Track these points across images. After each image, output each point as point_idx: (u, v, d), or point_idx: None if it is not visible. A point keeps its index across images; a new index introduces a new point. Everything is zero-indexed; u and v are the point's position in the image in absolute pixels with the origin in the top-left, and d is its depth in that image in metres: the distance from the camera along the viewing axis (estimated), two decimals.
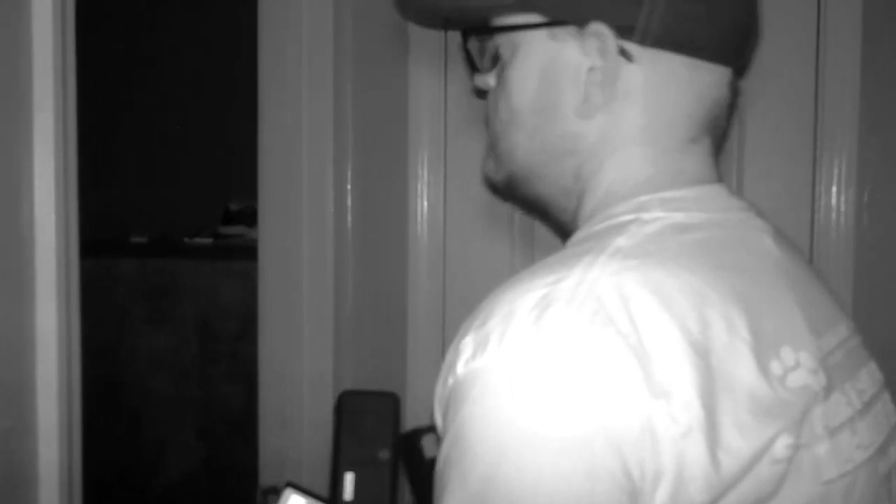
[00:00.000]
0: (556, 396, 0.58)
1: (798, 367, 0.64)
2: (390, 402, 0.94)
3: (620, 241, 0.68)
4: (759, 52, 1.75)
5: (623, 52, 0.74)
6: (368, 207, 1.89)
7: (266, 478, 1.92)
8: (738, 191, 1.76)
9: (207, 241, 3.11)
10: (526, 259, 1.86)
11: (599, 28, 0.73)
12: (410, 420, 0.90)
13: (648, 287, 0.62)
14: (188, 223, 3.18)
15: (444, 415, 0.64)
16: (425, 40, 1.88)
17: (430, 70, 1.89)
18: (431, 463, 0.84)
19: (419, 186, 1.94)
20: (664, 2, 0.72)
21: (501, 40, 0.81)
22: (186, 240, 3.11)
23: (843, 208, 1.77)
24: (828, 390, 0.66)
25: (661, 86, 0.75)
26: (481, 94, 0.88)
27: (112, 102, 3.12)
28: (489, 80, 0.85)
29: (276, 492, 1.84)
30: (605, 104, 0.75)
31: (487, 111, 0.86)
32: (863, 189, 1.76)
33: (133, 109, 3.33)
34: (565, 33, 0.76)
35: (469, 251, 1.92)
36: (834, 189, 1.77)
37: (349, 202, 1.86)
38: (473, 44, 0.85)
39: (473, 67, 0.86)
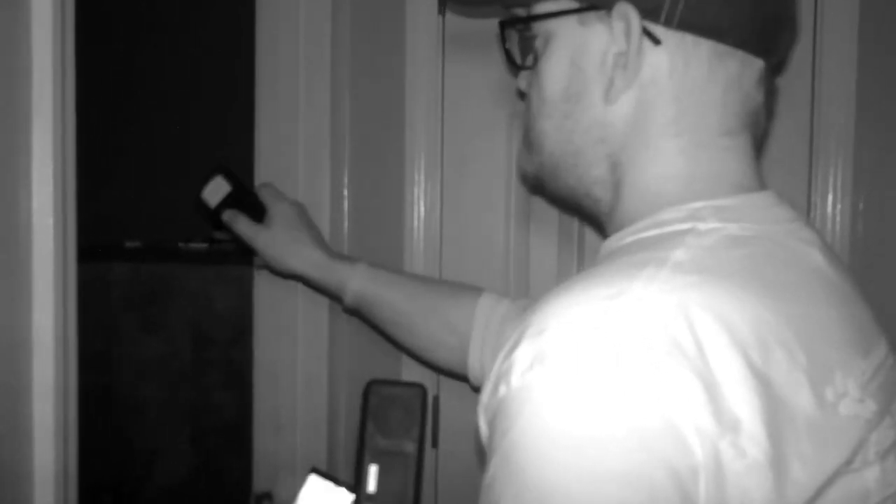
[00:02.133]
0: (618, 422, 0.56)
1: (846, 395, 0.63)
2: (418, 394, 0.92)
3: (679, 253, 0.66)
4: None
5: (649, 35, 0.73)
6: (365, 213, 1.89)
7: (259, 483, 1.91)
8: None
9: (202, 245, 3.10)
10: (522, 262, 1.86)
11: (625, 9, 0.73)
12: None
13: (712, 310, 0.59)
14: (183, 228, 3.16)
15: (492, 425, 0.62)
16: (422, 45, 1.88)
17: (427, 73, 1.89)
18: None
19: (415, 192, 1.94)
20: None
21: (537, 32, 0.81)
22: (181, 245, 3.10)
23: (838, 217, 1.77)
24: (880, 415, 0.65)
25: (686, 71, 0.75)
26: (523, 95, 0.88)
27: (106, 107, 3.11)
28: (530, 78, 0.85)
29: (270, 498, 1.84)
30: (629, 88, 0.75)
31: (524, 107, 0.86)
32: (858, 198, 1.77)
33: (128, 114, 3.32)
34: (594, 18, 0.76)
35: (464, 257, 1.91)
36: (830, 197, 1.77)
37: (346, 207, 1.86)
38: (512, 40, 0.85)
39: (514, 65, 0.86)
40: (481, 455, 0.65)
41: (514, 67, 0.87)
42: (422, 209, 1.95)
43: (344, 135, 1.86)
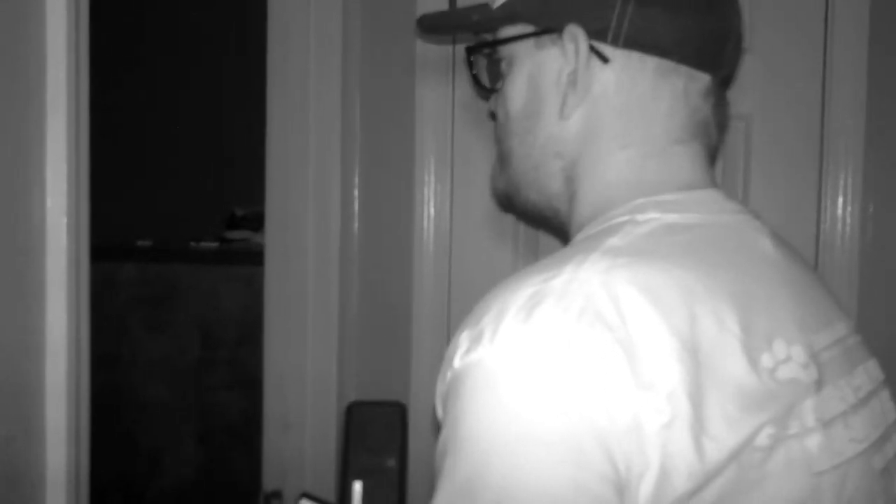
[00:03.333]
0: (543, 392, 0.60)
1: (789, 360, 0.66)
2: (397, 412, 0.95)
3: (613, 240, 0.70)
4: (765, 65, 1.77)
5: (597, 54, 0.77)
6: (375, 213, 1.90)
7: (269, 482, 1.92)
8: (744, 202, 1.77)
9: (212, 245, 3.11)
10: (530, 264, 1.87)
11: (574, 30, 0.77)
12: (414, 426, 0.90)
13: (637, 284, 0.63)
14: (193, 228, 3.18)
15: (444, 407, 0.66)
16: (432, 48, 1.89)
17: (436, 77, 1.90)
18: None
19: (425, 192, 1.95)
20: (633, 4, 0.75)
21: (502, 55, 0.85)
22: (192, 244, 3.12)
23: (848, 220, 1.77)
24: (819, 384, 0.68)
25: (633, 87, 0.78)
26: (494, 116, 0.91)
27: (119, 107, 3.12)
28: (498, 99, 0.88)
29: (279, 496, 1.85)
30: (579, 105, 0.79)
31: (495, 127, 0.89)
32: (868, 201, 1.77)
33: (140, 114, 3.34)
34: (548, 41, 0.80)
35: (474, 258, 1.92)
36: (840, 201, 1.77)
37: (356, 208, 1.87)
38: (479, 64, 0.89)
39: (481, 87, 0.89)
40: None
41: (482, 90, 0.91)
42: (431, 210, 1.95)
43: (354, 136, 1.87)
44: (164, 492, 3.10)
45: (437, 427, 0.68)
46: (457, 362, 0.64)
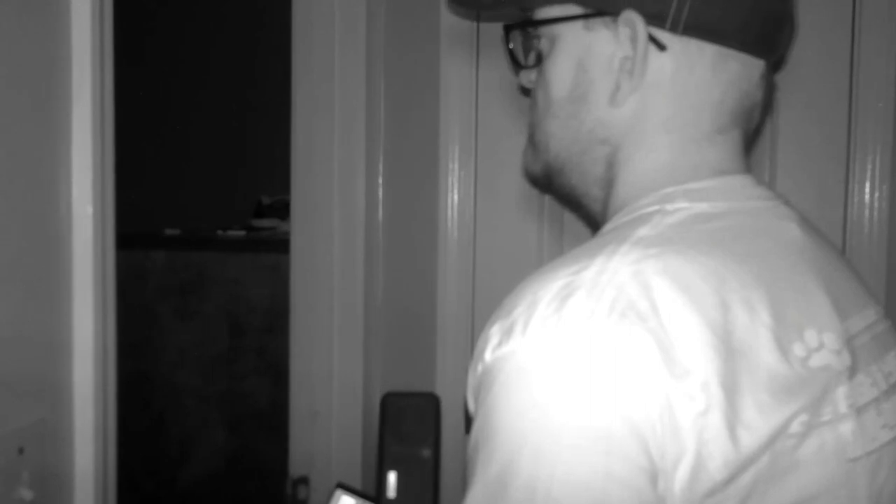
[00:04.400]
0: (575, 385, 0.60)
1: (822, 348, 0.66)
2: (431, 403, 0.95)
3: (643, 230, 0.69)
4: (793, 49, 1.75)
5: (654, 41, 0.75)
6: (399, 201, 1.90)
7: (296, 469, 1.94)
8: (769, 188, 1.75)
9: (240, 233, 3.14)
10: (555, 252, 1.86)
11: (631, 16, 0.75)
12: (442, 415, 0.91)
13: (668, 274, 0.63)
14: (221, 216, 3.20)
15: (476, 400, 0.66)
16: (457, 32, 1.89)
17: (461, 63, 1.90)
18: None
19: (450, 180, 1.95)
20: None
21: (542, 33, 0.83)
22: (219, 232, 3.14)
23: (876, 205, 1.75)
24: (852, 371, 0.68)
25: (689, 74, 0.76)
26: (526, 91, 0.89)
27: (146, 97, 3.15)
28: (532, 76, 0.86)
29: (306, 482, 1.86)
30: (634, 92, 0.77)
31: (530, 105, 0.88)
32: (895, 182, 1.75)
33: (167, 104, 3.36)
34: (600, 24, 0.78)
35: (499, 245, 1.92)
36: (867, 186, 1.75)
37: (380, 196, 1.88)
38: (516, 41, 0.87)
39: (517, 64, 0.88)
40: None
41: (518, 67, 0.89)
42: (455, 197, 1.95)
43: (379, 124, 1.87)
44: (194, 478, 3.14)
45: (468, 420, 0.68)
46: (488, 356, 0.64)
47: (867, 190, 1.75)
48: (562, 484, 0.59)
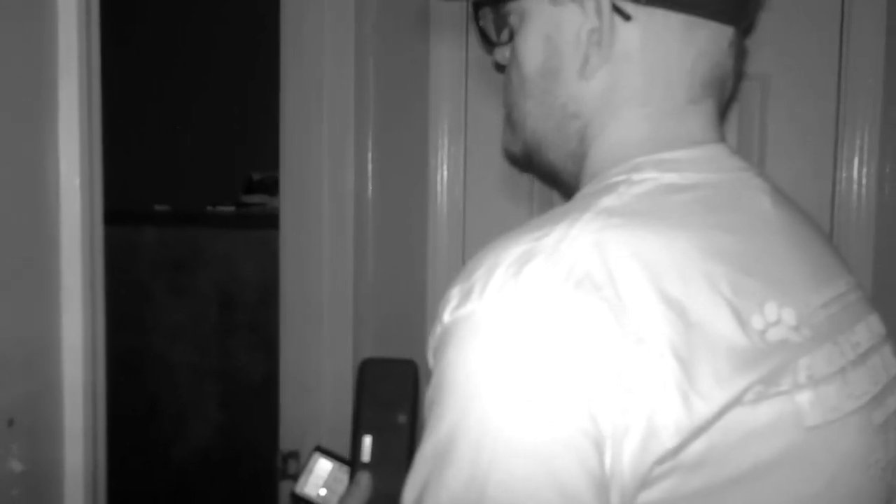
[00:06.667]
0: (526, 350, 0.61)
1: (779, 322, 0.66)
2: (410, 369, 0.96)
3: (607, 200, 0.69)
4: (782, 25, 1.75)
5: (619, 11, 0.75)
6: (389, 177, 1.90)
7: (286, 443, 1.95)
8: (759, 164, 1.76)
9: (230, 209, 3.13)
10: None
11: None
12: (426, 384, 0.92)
13: (628, 245, 0.64)
14: (211, 193, 3.20)
15: (434, 360, 0.67)
16: (446, 9, 1.88)
17: (450, 39, 1.89)
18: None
19: (439, 155, 1.95)
20: None
21: (511, 9, 0.82)
22: (209, 208, 3.14)
23: (864, 181, 1.76)
24: (814, 342, 0.68)
25: (658, 45, 0.76)
26: (500, 68, 0.89)
27: (135, 72, 3.13)
28: (506, 53, 0.86)
29: (296, 456, 1.87)
30: (603, 64, 0.77)
31: (504, 84, 0.87)
32: (885, 162, 1.76)
33: (156, 79, 3.35)
34: None
35: (488, 220, 1.92)
36: (856, 161, 1.76)
37: (370, 172, 1.88)
38: (486, 18, 0.87)
39: (488, 42, 0.88)
40: None
41: (489, 45, 0.89)
42: (445, 173, 1.96)
43: (368, 102, 1.87)
44: (187, 453, 3.15)
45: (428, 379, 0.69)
46: (447, 316, 0.65)
47: (855, 165, 1.76)
48: (505, 444, 0.60)
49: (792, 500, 0.65)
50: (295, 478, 1.01)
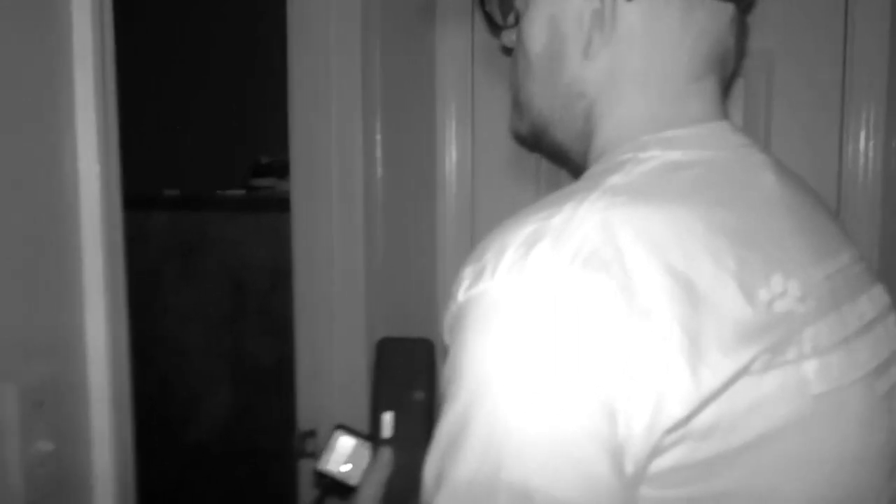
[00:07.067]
0: (537, 329, 0.62)
1: (785, 294, 0.68)
2: (426, 347, 0.98)
3: (614, 179, 0.71)
4: (788, 1, 1.75)
5: None
6: (397, 158, 1.91)
7: (304, 423, 1.97)
8: (765, 139, 1.77)
9: (239, 192, 3.15)
10: None
11: None
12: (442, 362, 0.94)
13: (634, 222, 0.65)
14: (219, 176, 3.21)
15: (450, 339, 0.69)
16: None
17: (457, 20, 1.90)
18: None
19: (447, 136, 1.96)
20: None
21: None
22: (219, 192, 3.15)
23: (871, 154, 1.77)
24: (819, 313, 0.70)
25: (659, 24, 0.78)
26: (507, 51, 0.91)
27: (141, 56, 3.14)
28: (512, 36, 0.88)
29: (313, 435, 1.90)
30: (606, 45, 0.79)
31: (510, 67, 0.89)
32: (891, 135, 1.76)
33: (164, 64, 3.35)
34: None
35: (497, 199, 1.94)
36: (862, 135, 1.77)
37: (378, 153, 1.89)
38: (493, 2, 0.89)
39: (494, 25, 0.89)
40: None
41: (495, 28, 0.91)
42: (454, 153, 1.97)
43: (375, 81, 1.88)
44: (201, 435, 3.18)
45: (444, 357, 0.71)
46: (461, 296, 0.67)
47: (862, 139, 1.77)
48: (518, 422, 0.62)
49: (799, 466, 0.67)
50: (313, 456, 1.03)
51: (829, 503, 0.69)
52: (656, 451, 0.62)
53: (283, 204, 2.05)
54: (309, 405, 1.98)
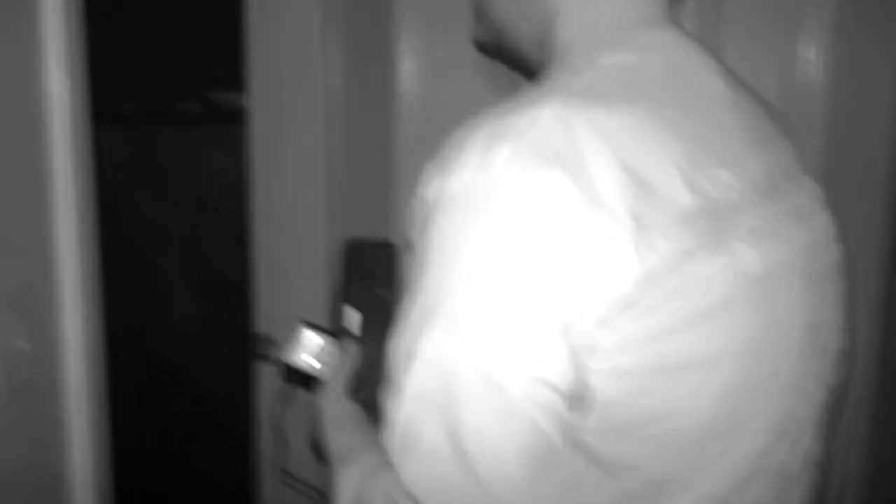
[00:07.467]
0: (502, 219, 0.67)
1: (725, 184, 0.74)
2: (390, 249, 1.03)
3: (571, 82, 0.75)
4: None
5: None
6: (355, 68, 1.91)
7: (262, 327, 2.01)
8: (716, 44, 1.80)
9: (196, 106, 3.12)
10: None
11: None
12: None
13: (591, 122, 0.69)
14: (175, 91, 3.17)
15: (417, 236, 0.74)
16: None
17: None
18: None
19: (405, 46, 1.96)
20: None
21: None
22: (177, 105, 3.12)
23: (821, 62, 1.80)
24: (757, 202, 0.76)
25: None
26: None
27: None
28: None
29: (272, 339, 1.94)
30: None
31: None
32: (840, 42, 1.80)
33: None
34: None
35: (454, 104, 1.95)
36: (812, 42, 1.79)
37: (336, 64, 1.89)
38: None
39: None
40: None
41: None
42: (413, 64, 1.98)
43: None
44: (168, 343, 3.22)
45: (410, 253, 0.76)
46: (428, 194, 0.72)
47: (812, 47, 1.80)
48: (486, 300, 0.68)
49: (732, 341, 0.73)
50: (269, 359, 1.06)
51: (761, 378, 0.76)
52: (602, 322, 0.68)
53: (240, 116, 2.05)
54: (268, 310, 2.02)
